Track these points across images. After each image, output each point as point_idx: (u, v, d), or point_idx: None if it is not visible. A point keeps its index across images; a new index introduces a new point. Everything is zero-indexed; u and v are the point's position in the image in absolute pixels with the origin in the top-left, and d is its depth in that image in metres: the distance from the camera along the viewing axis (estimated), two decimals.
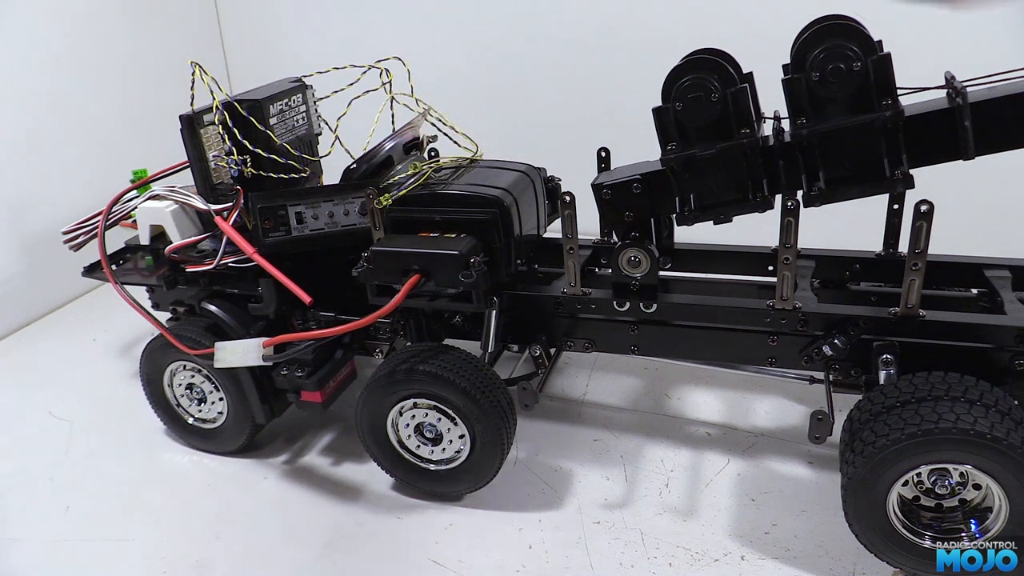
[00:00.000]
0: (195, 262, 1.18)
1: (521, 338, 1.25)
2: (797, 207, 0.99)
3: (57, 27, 1.83)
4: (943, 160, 0.97)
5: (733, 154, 1.00)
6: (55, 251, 1.30)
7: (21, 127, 1.83)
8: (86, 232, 1.24)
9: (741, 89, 0.98)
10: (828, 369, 1.10)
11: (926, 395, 0.91)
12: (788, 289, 1.04)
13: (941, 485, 0.92)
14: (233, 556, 1.12)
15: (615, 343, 1.18)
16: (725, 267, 1.28)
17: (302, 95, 1.22)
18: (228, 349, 1.13)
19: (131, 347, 1.73)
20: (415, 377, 1.09)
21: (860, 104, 0.95)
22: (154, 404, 1.35)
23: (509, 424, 1.12)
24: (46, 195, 1.90)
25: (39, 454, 1.37)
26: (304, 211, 1.10)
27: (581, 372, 1.51)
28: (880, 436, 0.90)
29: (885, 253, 1.20)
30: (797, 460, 1.22)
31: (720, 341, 1.13)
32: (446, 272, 1.05)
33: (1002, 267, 1.13)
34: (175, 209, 1.22)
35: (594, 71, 1.98)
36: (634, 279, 1.11)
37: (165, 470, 1.32)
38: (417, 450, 1.16)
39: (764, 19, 1.70)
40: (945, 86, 0.98)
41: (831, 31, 0.93)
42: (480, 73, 2.08)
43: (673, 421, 1.34)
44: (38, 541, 1.17)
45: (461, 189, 1.13)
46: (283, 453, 1.34)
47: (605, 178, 1.11)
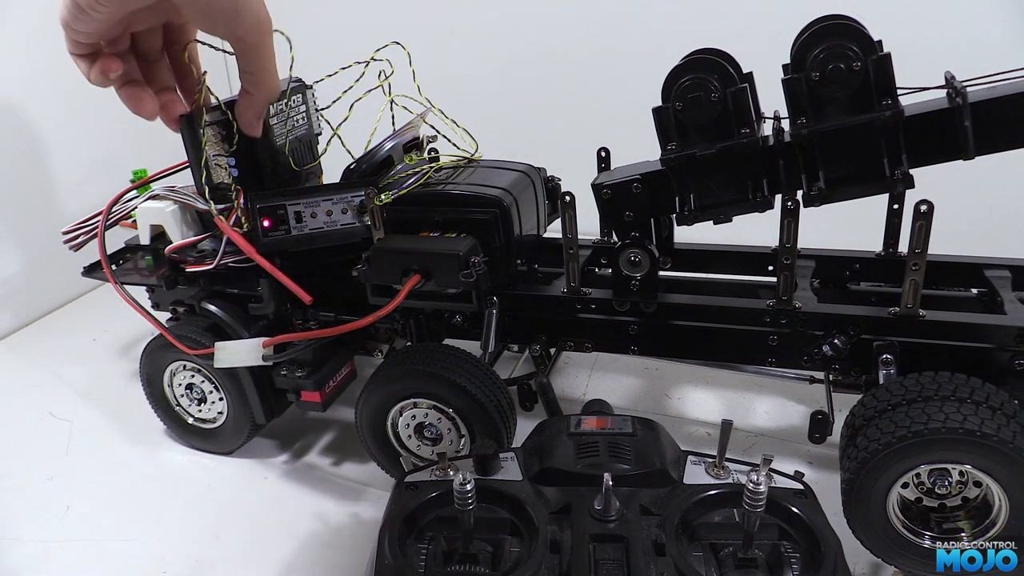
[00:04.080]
0: (195, 262, 1.18)
1: (521, 338, 1.25)
2: (797, 207, 0.99)
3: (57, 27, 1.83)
4: (943, 160, 0.97)
5: (733, 154, 1.00)
6: (55, 251, 1.30)
7: (21, 127, 1.83)
8: (86, 232, 1.24)
9: (741, 89, 0.98)
10: (828, 369, 1.10)
11: (916, 396, 0.91)
12: (788, 289, 1.04)
13: (941, 485, 0.92)
14: (233, 556, 1.12)
15: (615, 343, 1.18)
16: (725, 267, 1.28)
17: (302, 95, 1.22)
18: (228, 349, 1.13)
19: (131, 347, 1.73)
20: (415, 377, 1.09)
21: (860, 104, 0.95)
22: (154, 404, 1.35)
23: (509, 424, 1.12)
24: (46, 195, 1.90)
25: (39, 454, 1.38)
26: (303, 210, 1.10)
27: (581, 372, 1.51)
28: (873, 440, 0.91)
29: (885, 253, 1.20)
30: (797, 460, 1.22)
31: (720, 341, 1.13)
32: (446, 272, 1.05)
33: (1002, 267, 1.13)
34: (175, 209, 1.22)
35: (594, 71, 1.98)
36: (634, 279, 1.11)
37: (165, 470, 1.32)
38: (417, 450, 1.17)
39: (764, 19, 1.70)
40: (945, 86, 0.98)
41: (831, 31, 0.93)
42: (480, 73, 2.08)
43: (673, 421, 1.34)
44: (38, 541, 1.17)
45: (461, 189, 1.13)
46: (283, 453, 1.34)
47: (605, 178, 1.11)
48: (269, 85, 1.02)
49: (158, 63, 1.04)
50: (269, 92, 1.03)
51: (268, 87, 1.02)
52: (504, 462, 0.91)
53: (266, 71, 1.01)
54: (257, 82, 1.01)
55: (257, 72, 1.00)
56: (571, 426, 0.95)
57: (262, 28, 0.96)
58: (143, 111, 1.01)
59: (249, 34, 0.95)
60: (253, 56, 0.98)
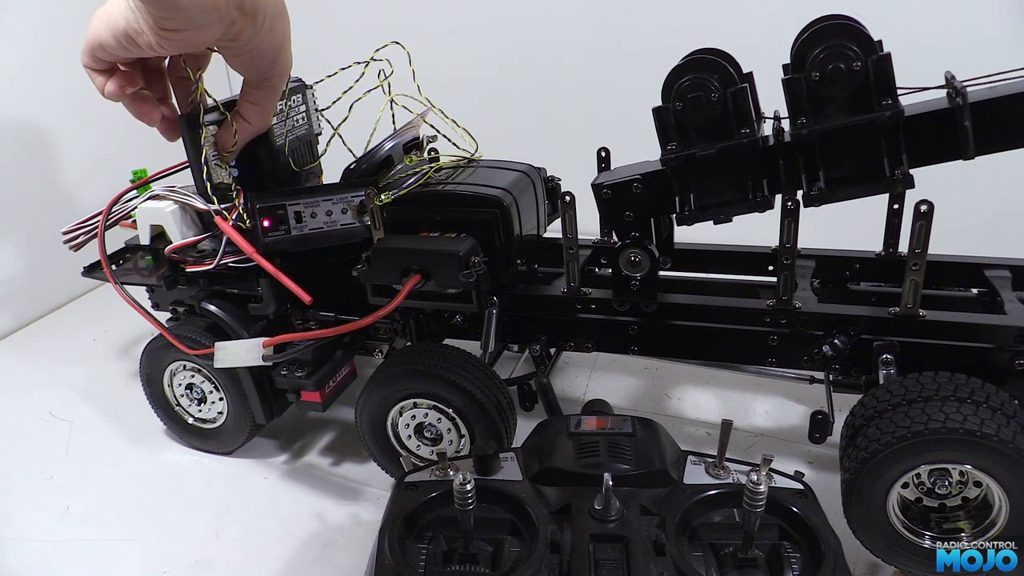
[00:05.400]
0: (195, 262, 1.18)
1: (521, 338, 1.25)
2: (797, 207, 0.99)
3: (58, 27, 1.83)
4: (943, 160, 0.97)
5: (733, 154, 1.00)
6: (55, 251, 1.30)
7: (21, 127, 1.83)
8: (86, 232, 1.24)
9: (741, 89, 0.98)
10: (828, 369, 1.10)
11: (916, 396, 0.91)
12: (788, 289, 1.04)
13: (941, 485, 0.92)
14: (233, 556, 1.12)
15: (615, 343, 1.18)
16: (725, 267, 1.28)
17: (302, 95, 1.22)
18: (228, 349, 1.13)
19: (131, 347, 1.73)
20: (415, 377, 1.09)
21: (860, 104, 0.95)
22: (154, 404, 1.35)
23: (509, 424, 1.12)
24: (46, 195, 1.90)
25: (39, 454, 1.38)
26: (303, 210, 1.10)
27: (581, 372, 1.51)
28: (873, 440, 0.91)
29: (885, 253, 1.20)
30: (797, 460, 1.22)
31: (720, 341, 1.13)
32: (446, 272, 1.05)
33: (1002, 267, 1.13)
34: (175, 209, 1.22)
35: (594, 71, 1.98)
36: (634, 279, 1.11)
37: (165, 470, 1.32)
38: (417, 450, 1.17)
39: (764, 19, 1.70)
40: (945, 86, 0.98)
41: (831, 31, 0.93)
42: (480, 73, 2.08)
43: (673, 421, 1.34)
44: (38, 541, 1.17)
45: (461, 189, 1.13)
46: (283, 453, 1.34)
47: (605, 178, 1.11)
48: (267, 121, 1.09)
49: (159, 70, 1.05)
50: (263, 127, 1.10)
51: (266, 123, 1.09)
52: (504, 462, 0.91)
53: (270, 109, 1.08)
54: (259, 115, 1.06)
55: (263, 107, 1.06)
56: (571, 426, 0.95)
57: (286, 71, 1.03)
58: (145, 119, 1.05)
59: (274, 78, 1.02)
60: (268, 94, 1.05)
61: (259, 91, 1.03)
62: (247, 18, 0.89)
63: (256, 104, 1.05)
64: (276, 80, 1.02)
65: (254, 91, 1.03)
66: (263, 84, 1.02)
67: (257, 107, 1.05)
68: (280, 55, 0.98)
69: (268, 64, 0.98)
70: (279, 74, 1.01)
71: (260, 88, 1.03)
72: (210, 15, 0.85)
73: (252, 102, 1.04)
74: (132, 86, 0.99)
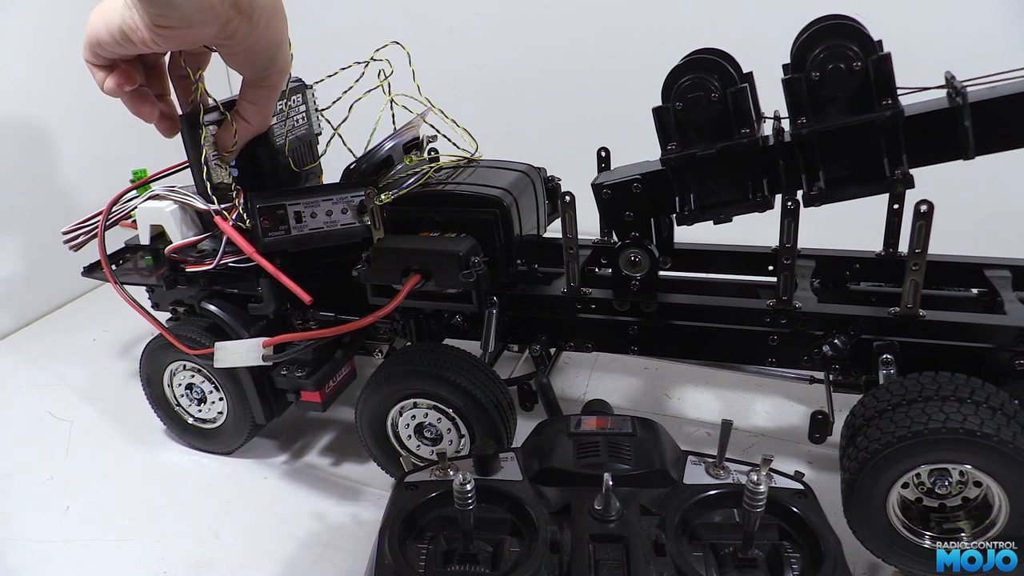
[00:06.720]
0: (195, 262, 1.18)
1: (521, 338, 1.25)
2: (797, 207, 0.99)
3: (58, 27, 1.83)
4: (943, 160, 0.97)
5: (733, 154, 1.00)
6: (55, 251, 1.30)
7: (21, 127, 1.83)
8: (86, 232, 1.24)
9: (741, 89, 0.98)
10: (828, 369, 1.10)
11: (916, 396, 0.91)
12: (788, 289, 1.04)
13: (941, 485, 0.92)
14: (233, 556, 1.12)
15: (615, 343, 1.18)
16: (725, 267, 1.28)
17: (302, 95, 1.22)
18: (228, 349, 1.13)
19: (131, 347, 1.73)
20: (415, 377, 1.09)
21: (860, 104, 0.95)
22: (154, 404, 1.35)
23: (509, 424, 1.12)
24: (46, 195, 1.90)
25: (39, 454, 1.38)
26: (303, 210, 1.10)
27: (581, 372, 1.51)
28: (873, 440, 0.91)
29: (885, 253, 1.20)
30: (797, 460, 1.22)
31: (720, 341, 1.13)
32: (446, 272, 1.05)
33: (1002, 267, 1.13)
34: (175, 209, 1.22)
35: (594, 71, 1.98)
36: (634, 279, 1.11)
37: (165, 470, 1.32)
38: (417, 450, 1.16)
39: (764, 19, 1.70)
40: (945, 86, 0.98)
41: (831, 31, 0.93)
42: (480, 73, 2.08)
43: (673, 421, 1.34)
44: (38, 541, 1.17)
45: (461, 189, 1.13)
46: (283, 453, 1.34)
47: (605, 178, 1.11)
48: (266, 121, 1.09)
49: (158, 67, 1.06)
50: (263, 127, 1.10)
51: (265, 122, 1.09)
52: (504, 462, 0.91)
53: (269, 109, 1.08)
54: (259, 115, 1.07)
55: (262, 107, 1.06)
56: (571, 426, 0.95)
57: (284, 72, 1.03)
58: (143, 116, 1.05)
59: (273, 76, 1.02)
60: (266, 94, 1.05)
61: (258, 90, 1.04)
62: (243, 16, 0.89)
63: (255, 104, 1.05)
64: (275, 79, 1.03)
65: (253, 90, 1.04)
66: (262, 83, 1.02)
67: (256, 107, 1.05)
68: (277, 54, 0.98)
69: (265, 62, 0.98)
70: (277, 73, 1.02)
71: (259, 87, 1.03)
72: (205, 12, 0.85)
73: (251, 102, 1.05)
74: (131, 83, 1.00)
